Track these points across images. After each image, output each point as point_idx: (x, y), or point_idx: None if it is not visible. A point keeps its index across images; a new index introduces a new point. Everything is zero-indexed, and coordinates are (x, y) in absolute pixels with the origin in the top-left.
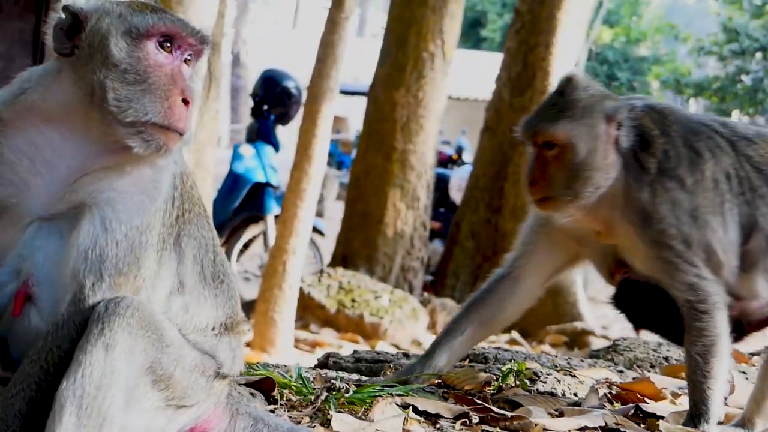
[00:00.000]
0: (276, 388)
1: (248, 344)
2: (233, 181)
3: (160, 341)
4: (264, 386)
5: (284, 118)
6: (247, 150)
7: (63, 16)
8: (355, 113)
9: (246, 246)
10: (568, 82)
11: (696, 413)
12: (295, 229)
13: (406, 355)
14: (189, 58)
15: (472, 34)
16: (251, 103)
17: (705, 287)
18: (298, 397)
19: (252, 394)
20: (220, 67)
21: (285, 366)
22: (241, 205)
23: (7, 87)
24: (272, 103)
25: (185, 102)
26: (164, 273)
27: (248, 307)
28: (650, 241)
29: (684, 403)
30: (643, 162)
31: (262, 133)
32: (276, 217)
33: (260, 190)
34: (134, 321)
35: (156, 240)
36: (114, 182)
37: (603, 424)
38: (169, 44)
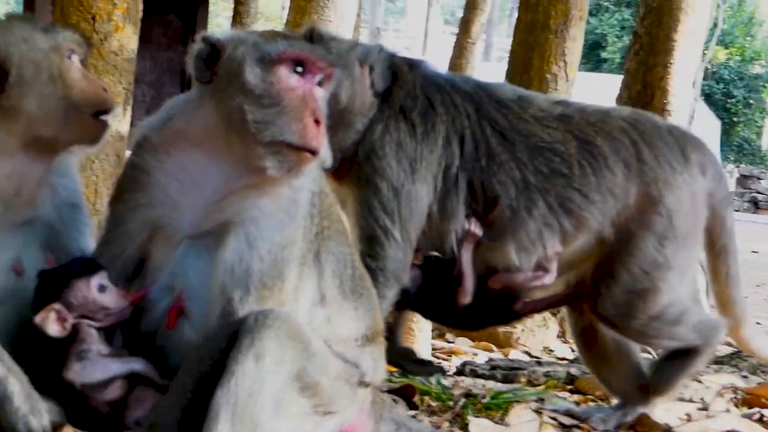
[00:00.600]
0: (416, 395)
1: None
2: None
3: (307, 351)
4: (405, 393)
5: None
6: None
7: (202, 46)
8: None
9: None
10: (311, 33)
11: None
12: None
13: (539, 362)
14: (321, 81)
15: (593, 56)
16: None
17: (386, 248)
18: (437, 403)
19: (394, 400)
20: None
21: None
22: None
23: (157, 114)
24: None
25: (317, 123)
26: (306, 286)
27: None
28: (363, 179)
29: None
30: (391, 96)
31: None
32: None
33: None
34: (282, 332)
35: (297, 255)
36: (256, 201)
37: (729, 429)
38: (300, 69)
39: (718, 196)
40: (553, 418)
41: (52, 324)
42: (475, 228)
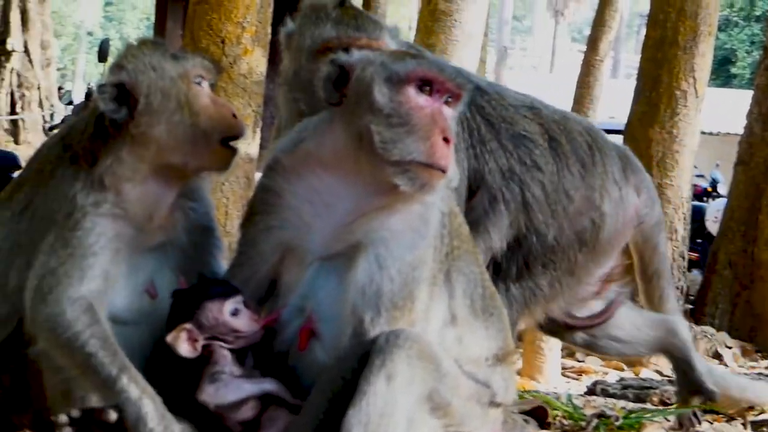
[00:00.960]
0: (548, 415)
1: (518, 372)
2: None
3: (437, 371)
4: (537, 413)
5: None
6: None
7: (331, 68)
8: None
9: None
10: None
11: None
12: None
13: (671, 381)
14: (450, 100)
15: (722, 72)
16: None
17: None
18: (569, 422)
19: (525, 420)
20: None
21: (555, 393)
22: None
23: (287, 136)
24: None
25: (446, 141)
26: (436, 306)
27: (517, 337)
28: None
29: None
30: None
31: None
32: None
33: None
34: (413, 352)
35: (428, 275)
36: (386, 222)
37: None
38: (428, 88)
39: (651, 222)
40: None
41: (182, 344)
42: None
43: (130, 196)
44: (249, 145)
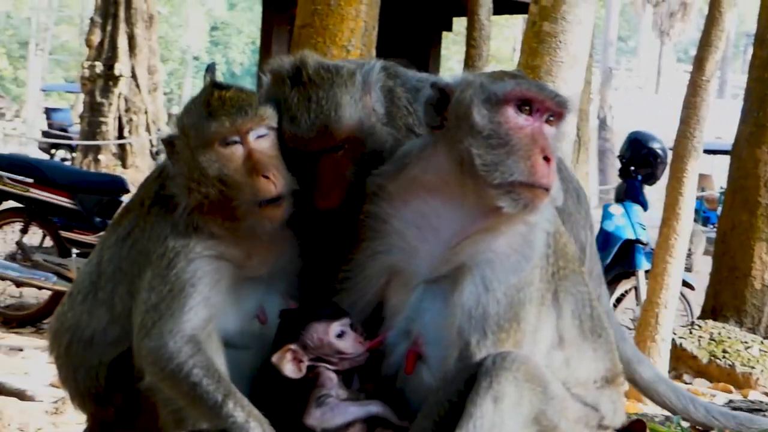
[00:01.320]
0: (646, 428)
1: (625, 394)
2: (604, 239)
3: (545, 393)
4: (634, 428)
5: (651, 178)
6: (616, 209)
7: (431, 92)
8: (718, 171)
9: (619, 300)
10: (304, 66)
11: None
12: (666, 283)
13: None
14: (551, 119)
15: None
16: (619, 165)
17: None
18: None
19: None
20: (587, 132)
21: (663, 416)
22: (612, 262)
23: (390, 162)
24: (639, 163)
25: (547, 160)
26: (544, 328)
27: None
28: None
29: None
30: (392, 119)
31: (630, 193)
32: (646, 272)
33: (630, 246)
34: (520, 374)
35: (534, 296)
36: (491, 244)
37: None
38: (528, 107)
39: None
40: None
41: (287, 364)
42: None
43: (222, 239)
44: None
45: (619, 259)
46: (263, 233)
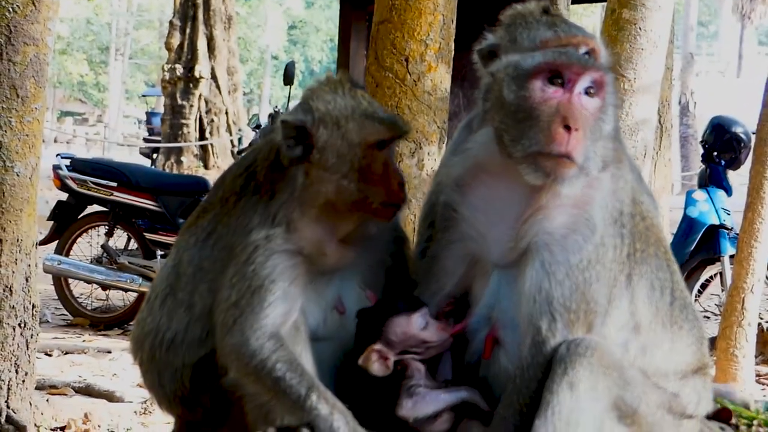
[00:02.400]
0: (733, 417)
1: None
2: (688, 225)
3: (622, 378)
4: (721, 416)
5: (734, 163)
6: (700, 195)
7: (487, 79)
8: None
9: (704, 286)
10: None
11: None
12: (751, 268)
13: None
14: (591, 90)
15: None
16: (701, 150)
17: None
18: (764, 430)
19: (722, 428)
20: (669, 118)
21: (757, 401)
22: (696, 248)
23: (459, 150)
24: (722, 149)
25: (567, 128)
26: (616, 311)
27: (710, 344)
28: None
29: None
30: None
31: (713, 179)
32: (731, 257)
33: (715, 232)
34: (594, 360)
35: (603, 276)
36: (546, 225)
37: None
38: (559, 79)
39: None
40: None
41: (374, 364)
42: None
43: (304, 233)
44: (435, 162)
45: (704, 245)
46: (367, 230)
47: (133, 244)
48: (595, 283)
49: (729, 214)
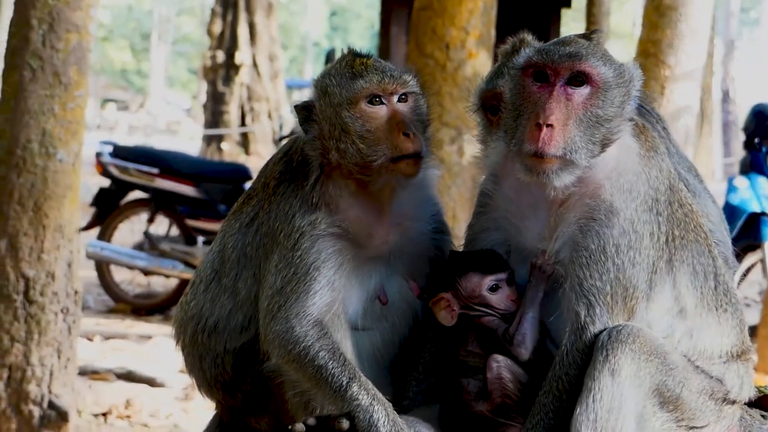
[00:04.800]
0: None
1: (753, 368)
2: (729, 212)
3: (664, 364)
4: (762, 403)
5: None
6: (741, 182)
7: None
8: None
9: (745, 274)
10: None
11: None
12: None
13: None
14: (576, 80)
15: None
16: (743, 137)
17: None
18: None
19: (763, 416)
20: (711, 105)
21: None
22: (738, 235)
23: (498, 139)
24: (764, 135)
25: (539, 126)
26: (659, 296)
27: (751, 331)
28: None
29: None
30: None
31: (755, 165)
32: None
33: (756, 219)
34: (636, 346)
35: (638, 261)
36: (567, 215)
37: None
38: (543, 74)
39: None
40: None
41: (440, 312)
42: None
43: (348, 214)
44: (476, 149)
45: (745, 232)
46: (396, 187)
47: (175, 231)
48: (630, 268)
49: None
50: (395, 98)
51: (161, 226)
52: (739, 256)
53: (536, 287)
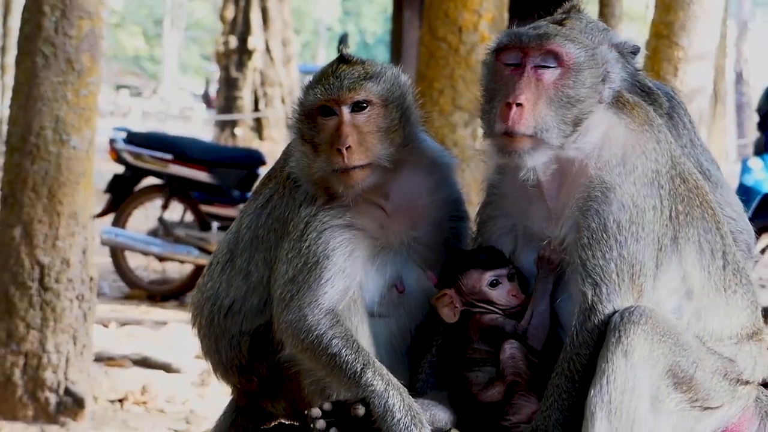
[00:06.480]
0: None
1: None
2: (743, 193)
3: (677, 345)
4: None
5: None
6: (755, 163)
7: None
8: None
9: (761, 254)
10: (569, 17)
11: None
12: None
13: None
14: (546, 62)
15: None
16: (756, 118)
17: None
18: None
19: None
20: (724, 86)
21: None
22: (752, 216)
23: None
24: None
25: (509, 105)
26: (665, 275)
27: (765, 312)
28: None
29: None
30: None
31: None
32: None
33: None
34: (648, 327)
35: (642, 237)
36: (564, 198)
37: None
38: (514, 57)
39: None
40: None
41: (443, 308)
42: None
43: (352, 206)
44: None
45: (759, 213)
46: (347, 197)
47: (189, 216)
48: (634, 244)
49: None
50: (345, 108)
51: (175, 212)
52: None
53: (545, 280)
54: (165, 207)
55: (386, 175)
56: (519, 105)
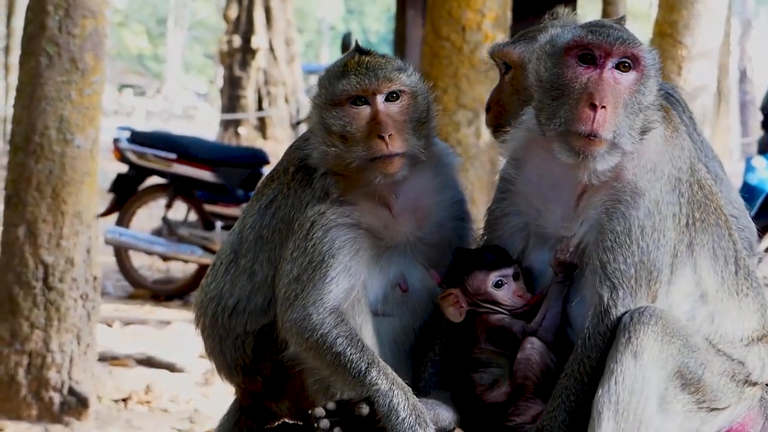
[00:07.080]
0: None
1: None
2: (747, 191)
3: (686, 346)
4: None
5: None
6: (759, 162)
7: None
8: None
9: (766, 252)
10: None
11: None
12: None
13: None
14: (625, 65)
15: None
16: (760, 117)
17: None
18: None
19: None
20: (728, 85)
21: None
22: (756, 215)
23: (516, 125)
24: None
25: (593, 107)
26: (680, 280)
27: None
28: None
29: None
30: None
31: None
32: None
33: None
34: (659, 328)
35: (662, 243)
36: (593, 198)
37: None
38: (590, 56)
39: None
40: None
41: (449, 308)
42: None
43: (357, 206)
44: None
45: (763, 212)
46: (378, 187)
47: (193, 216)
48: (654, 251)
49: None
50: (380, 98)
51: (179, 211)
52: (759, 236)
53: (561, 283)
54: (169, 206)
55: (411, 169)
56: (603, 108)
